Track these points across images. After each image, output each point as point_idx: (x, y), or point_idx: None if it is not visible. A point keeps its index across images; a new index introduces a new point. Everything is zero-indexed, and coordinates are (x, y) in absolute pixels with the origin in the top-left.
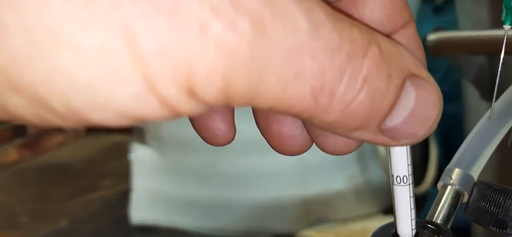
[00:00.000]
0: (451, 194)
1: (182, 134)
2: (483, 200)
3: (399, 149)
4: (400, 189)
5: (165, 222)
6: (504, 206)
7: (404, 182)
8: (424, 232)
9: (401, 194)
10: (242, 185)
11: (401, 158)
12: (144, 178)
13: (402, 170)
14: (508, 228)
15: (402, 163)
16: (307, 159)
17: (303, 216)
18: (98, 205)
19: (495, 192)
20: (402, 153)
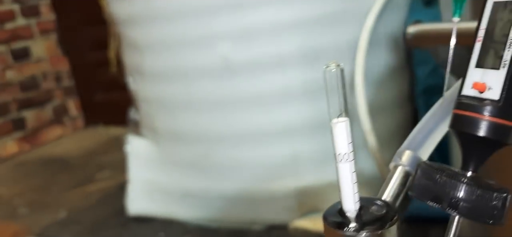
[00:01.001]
0: (400, 174)
1: (176, 126)
2: (424, 178)
3: (340, 127)
4: (342, 166)
5: (161, 212)
6: (440, 183)
7: (345, 159)
8: (371, 207)
9: (344, 170)
10: (236, 177)
11: (342, 137)
12: (140, 170)
13: (344, 148)
14: (443, 203)
15: (343, 141)
16: (299, 150)
17: (296, 207)
18: (96, 197)
19: (434, 170)
20: (342, 132)
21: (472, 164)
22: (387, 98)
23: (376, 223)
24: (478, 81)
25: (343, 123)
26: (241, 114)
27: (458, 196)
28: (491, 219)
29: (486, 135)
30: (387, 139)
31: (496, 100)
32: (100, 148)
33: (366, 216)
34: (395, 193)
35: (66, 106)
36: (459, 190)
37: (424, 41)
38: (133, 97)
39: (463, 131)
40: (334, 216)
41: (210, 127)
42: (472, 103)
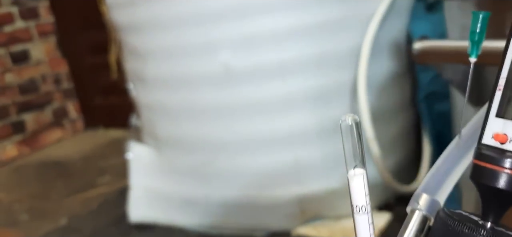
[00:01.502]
0: (418, 219)
1: (178, 133)
2: (443, 229)
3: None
4: (359, 217)
5: (162, 220)
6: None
7: (363, 211)
8: None
9: (362, 223)
10: (238, 184)
11: (359, 189)
12: (142, 177)
13: (361, 200)
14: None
15: (360, 193)
16: (302, 157)
17: (298, 214)
18: (96, 203)
19: (453, 221)
20: (360, 185)
21: (491, 215)
22: (389, 104)
23: None
24: (499, 132)
25: (360, 176)
26: (242, 121)
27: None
28: None
29: (507, 189)
30: (389, 145)
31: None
32: (100, 152)
33: None
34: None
35: (66, 108)
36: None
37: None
38: (134, 104)
39: (484, 183)
40: None
41: (211, 134)
42: (493, 155)
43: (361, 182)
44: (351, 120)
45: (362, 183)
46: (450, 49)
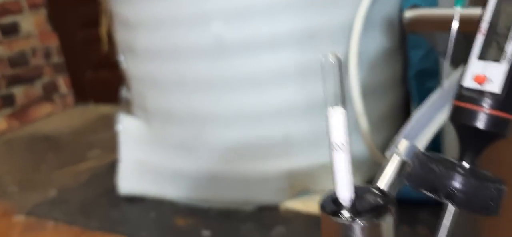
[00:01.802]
0: (397, 163)
1: (167, 106)
2: (421, 168)
3: (338, 117)
4: (338, 155)
5: (151, 192)
6: (437, 173)
7: (341, 148)
8: (366, 195)
9: (339, 160)
10: (227, 157)
11: (339, 126)
12: (131, 149)
13: (340, 137)
14: (439, 193)
15: (339, 130)
16: (292, 132)
17: (286, 188)
18: (86, 176)
19: (431, 161)
20: (340, 121)
21: (469, 156)
22: (380, 81)
23: (371, 212)
24: (479, 74)
25: (340, 114)
26: (233, 94)
27: (454, 187)
28: (487, 210)
29: (485, 128)
30: (378, 121)
31: (497, 94)
32: (90, 127)
33: (361, 205)
34: (391, 181)
35: (56, 83)
36: (455, 181)
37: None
38: (125, 76)
39: (463, 123)
40: (329, 203)
41: (202, 107)
42: (472, 96)
43: (340, 119)
44: (333, 59)
45: (341, 121)
46: (441, 17)
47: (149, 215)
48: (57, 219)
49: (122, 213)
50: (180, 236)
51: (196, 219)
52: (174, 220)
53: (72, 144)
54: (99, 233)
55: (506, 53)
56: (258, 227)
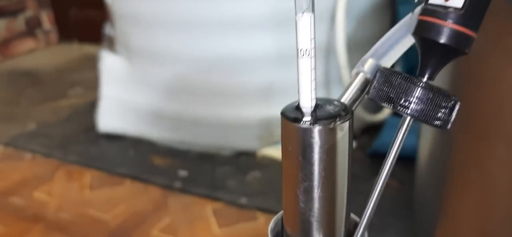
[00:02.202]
0: (361, 80)
1: (150, 45)
2: (381, 80)
3: (305, 22)
4: (302, 61)
5: (131, 131)
6: (395, 85)
7: (307, 55)
8: (327, 106)
9: (304, 66)
10: (207, 101)
11: (305, 32)
12: (112, 87)
13: (306, 43)
14: (395, 103)
15: (306, 36)
16: (273, 80)
17: (266, 136)
18: (66, 113)
19: (391, 73)
20: (306, 27)
21: (428, 71)
22: (367, 36)
23: (330, 119)
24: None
25: (307, 18)
26: (218, 38)
27: (410, 98)
28: (439, 122)
29: (446, 42)
30: None
31: (459, 8)
32: (73, 65)
33: (321, 113)
34: (353, 97)
35: (40, 18)
36: (412, 93)
37: None
38: (109, 12)
39: (425, 36)
40: (291, 111)
41: (185, 48)
42: (436, 10)
43: (307, 24)
44: None
45: (308, 26)
46: None
47: (127, 153)
48: (35, 151)
49: (100, 149)
50: (157, 174)
51: (174, 160)
52: (152, 159)
53: (54, 81)
54: (77, 167)
55: None
56: (234, 170)
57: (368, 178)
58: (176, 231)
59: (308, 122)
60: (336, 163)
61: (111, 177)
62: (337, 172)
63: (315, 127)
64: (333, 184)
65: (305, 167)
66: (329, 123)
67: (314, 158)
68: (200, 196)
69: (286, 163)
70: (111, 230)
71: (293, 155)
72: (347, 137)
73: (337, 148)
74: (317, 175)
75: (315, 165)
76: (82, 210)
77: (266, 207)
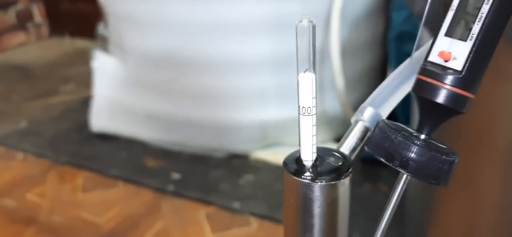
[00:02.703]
0: (360, 128)
1: (145, 46)
2: (380, 136)
3: (306, 82)
4: (304, 118)
5: (124, 131)
6: (394, 142)
7: (308, 113)
8: (328, 158)
9: (305, 123)
10: (202, 103)
11: (307, 91)
12: (106, 87)
13: (307, 102)
14: (394, 161)
15: (307, 95)
16: (267, 84)
17: (259, 139)
18: (58, 110)
19: (390, 130)
20: (308, 87)
21: (426, 128)
22: (360, 40)
23: (331, 174)
24: (444, 50)
25: (309, 79)
26: (214, 41)
27: (409, 156)
28: (437, 180)
29: (444, 103)
30: (355, 81)
31: (459, 71)
32: (65, 60)
33: (322, 167)
34: (353, 146)
35: (31, 11)
36: (410, 151)
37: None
38: (102, 11)
39: (423, 96)
40: (292, 163)
41: (180, 51)
42: (436, 71)
43: (309, 84)
44: (307, 22)
45: (310, 86)
46: None
47: (120, 153)
48: (26, 151)
49: (93, 149)
50: (150, 176)
51: (166, 161)
52: (144, 160)
53: (45, 77)
54: (69, 168)
55: (472, 33)
56: (227, 173)
57: (359, 183)
58: (169, 236)
59: (309, 178)
60: (337, 217)
61: (104, 178)
62: (338, 225)
63: (317, 183)
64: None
65: (306, 219)
66: (330, 179)
67: (315, 212)
68: (193, 199)
69: (287, 213)
70: (104, 234)
71: (295, 207)
72: (348, 191)
73: (338, 203)
74: (317, 227)
75: (316, 218)
76: (75, 213)
77: (259, 212)
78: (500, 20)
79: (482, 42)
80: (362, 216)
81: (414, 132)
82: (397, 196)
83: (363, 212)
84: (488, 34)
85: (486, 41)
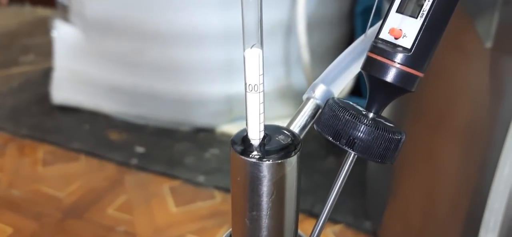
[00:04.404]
0: (311, 106)
1: (108, 17)
2: (329, 115)
3: (253, 59)
4: (251, 95)
5: (87, 104)
6: (342, 121)
7: (255, 90)
8: (277, 136)
9: (252, 101)
10: (168, 76)
11: (254, 68)
12: (67, 58)
13: (254, 79)
14: (341, 140)
15: (254, 71)
16: (234, 58)
17: (225, 112)
18: (18, 81)
19: (339, 108)
20: (255, 63)
21: (375, 106)
22: (327, 15)
23: (278, 152)
24: (395, 27)
25: (255, 54)
26: (179, 13)
27: (356, 135)
28: (383, 159)
29: (393, 81)
30: (321, 55)
31: (408, 49)
32: (25, 29)
33: (270, 145)
34: (303, 124)
35: None
36: (358, 130)
37: None
38: None
39: (373, 74)
40: (239, 142)
41: (145, 22)
42: (385, 49)
43: (256, 60)
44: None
45: (257, 62)
46: None
47: (83, 126)
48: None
49: (54, 122)
50: (113, 150)
51: (130, 135)
52: (108, 133)
53: (4, 46)
54: (28, 141)
55: (423, 10)
56: (193, 147)
57: (323, 156)
58: (132, 210)
59: (256, 157)
60: (284, 195)
61: (66, 152)
62: (285, 202)
63: (264, 162)
64: (281, 214)
65: (253, 198)
66: (278, 158)
67: (262, 191)
68: (157, 173)
69: (234, 192)
70: (65, 208)
71: (242, 186)
72: (295, 169)
73: (285, 181)
74: (265, 205)
75: (263, 197)
76: (35, 187)
77: (224, 185)
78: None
79: (432, 19)
80: (326, 188)
81: (363, 110)
82: (344, 175)
83: (327, 185)
84: (438, 12)
85: (437, 19)
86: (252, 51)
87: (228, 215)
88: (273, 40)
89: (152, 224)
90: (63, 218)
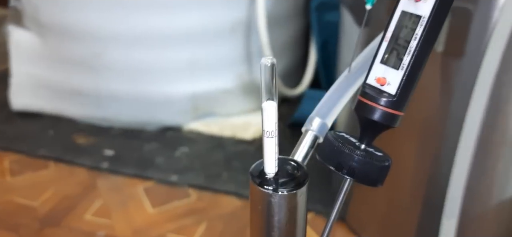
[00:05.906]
0: (310, 137)
1: (64, 21)
2: (328, 147)
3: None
4: (268, 140)
5: (49, 109)
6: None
7: (271, 136)
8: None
9: (269, 144)
10: (130, 78)
11: (271, 117)
12: (24, 63)
13: (271, 126)
14: (343, 170)
15: (271, 121)
16: (197, 56)
17: (190, 110)
18: None
19: (336, 141)
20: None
21: (366, 139)
22: (284, 12)
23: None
24: (380, 77)
25: (273, 107)
26: (140, 14)
27: (353, 166)
28: (375, 183)
29: (380, 121)
30: (280, 50)
31: (393, 95)
32: None
33: (283, 177)
34: (305, 154)
35: None
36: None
37: None
38: None
39: (363, 115)
40: (257, 174)
41: (104, 25)
42: (373, 94)
43: (273, 111)
44: (270, 62)
45: (273, 113)
46: None
47: (47, 132)
48: None
49: (16, 129)
50: (82, 155)
51: (97, 138)
52: (74, 138)
53: None
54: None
55: (403, 63)
56: (162, 146)
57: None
58: (109, 214)
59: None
60: (296, 217)
61: (33, 160)
62: (297, 223)
63: (279, 193)
64: (294, 233)
65: (271, 222)
66: (291, 189)
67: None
68: (129, 175)
69: (254, 217)
70: (42, 217)
71: (260, 213)
72: (305, 196)
73: (297, 207)
74: (282, 228)
75: (280, 222)
76: (7, 198)
77: (197, 183)
78: (425, 53)
79: (411, 71)
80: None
81: (356, 142)
82: (342, 197)
83: None
84: (416, 64)
85: (415, 69)
86: (269, 103)
87: (205, 213)
88: (235, 38)
89: (131, 226)
90: (41, 227)
